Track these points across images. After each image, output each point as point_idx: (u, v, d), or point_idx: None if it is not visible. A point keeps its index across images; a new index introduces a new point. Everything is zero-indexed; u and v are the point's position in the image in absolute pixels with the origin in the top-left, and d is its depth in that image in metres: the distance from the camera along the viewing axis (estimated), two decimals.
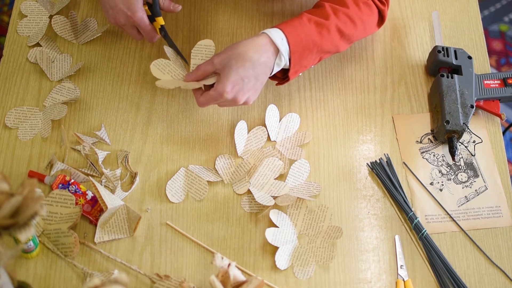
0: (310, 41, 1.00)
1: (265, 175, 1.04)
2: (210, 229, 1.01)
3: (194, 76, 0.99)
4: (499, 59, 2.13)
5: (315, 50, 1.01)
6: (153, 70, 1.01)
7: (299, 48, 0.99)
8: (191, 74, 0.99)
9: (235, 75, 0.95)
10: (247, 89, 0.97)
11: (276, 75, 1.04)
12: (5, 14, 2.18)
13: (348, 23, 1.03)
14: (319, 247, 0.99)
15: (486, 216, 1.04)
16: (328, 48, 1.03)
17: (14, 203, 0.75)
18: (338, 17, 1.02)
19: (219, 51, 1.02)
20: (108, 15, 1.04)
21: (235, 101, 0.97)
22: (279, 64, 0.99)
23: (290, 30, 0.98)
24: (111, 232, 0.98)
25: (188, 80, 0.99)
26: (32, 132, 1.08)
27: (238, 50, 0.95)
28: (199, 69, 0.98)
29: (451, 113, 1.07)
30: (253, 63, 0.95)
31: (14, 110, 1.09)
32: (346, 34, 1.04)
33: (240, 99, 0.97)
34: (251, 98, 0.99)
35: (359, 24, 1.05)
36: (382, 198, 1.05)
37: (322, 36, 1.01)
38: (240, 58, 0.95)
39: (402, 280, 0.98)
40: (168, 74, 1.01)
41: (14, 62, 1.15)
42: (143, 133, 1.09)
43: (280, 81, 1.05)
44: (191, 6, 1.23)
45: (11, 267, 0.78)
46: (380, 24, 1.12)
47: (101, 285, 0.75)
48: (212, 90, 0.96)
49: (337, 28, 1.02)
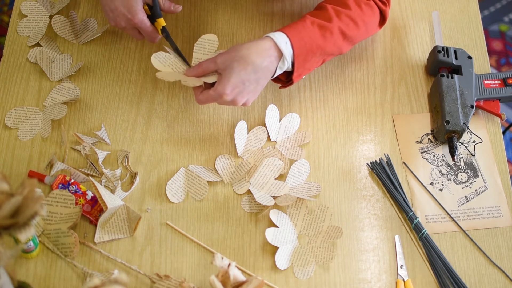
0: (313, 44, 1.00)
1: (265, 175, 1.04)
2: (210, 229, 1.01)
3: (195, 71, 0.99)
4: (499, 59, 2.14)
5: (318, 52, 1.01)
6: (154, 62, 1.01)
7: (303, 51, 0.99)
8: (193, 69, 0.99)
9: (236, 78, 0.95)
10: (246, 92, 0.97)
11: (279, 78, 1.04)
12: (5, 14, 2.18)
13: (350, 25, 1.03)
14: (319, 247, 0.99)
15: (486, 216, 1.04)
16: (331, 50, 1.03)
17: (14, 203, 0.75)
18: (341, 19, 1.03)
19: (220, 50, 1.03)
20: (109, 18, 1.04)
21: (234, 102, 0.97)
22: (281, 68, 0.99)
23: (294, 33, 0.98)
24: (111, 232, 0.98)
25: (189, 75, 0.99)
26: (32, 132, 1.08)
27: (242, 52, 0.95)
28: (201, 66, 0.98)
29: (451, 113, 1.07)
30: (255, 67, 0.95)
31: (14, 110, 1.09)
32: (349, 36, 1.04)
33: (239, 101, 0.97)
34: (250, 100, 0.99)
35: (362, 25, 1.05)
36: (382, 198, 1.05)
37: (325, 39, 1.01)
38: (243, 61, 0.95)
39: (402, 280, 0.98)
40: (169, 67, 1.01)
41: (14, 62, 1.15)
42: (143, 133, 1.09)
43: (284, 84, 1.05)
44: (191, 6, 1.23)
45: (11, 267, 0.78)
46: (382, 24, 1.12)
47: (101, 285, 0.75)
48: (212, 90, 0.96)
49: (340, 30, 1.02)
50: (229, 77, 0.95)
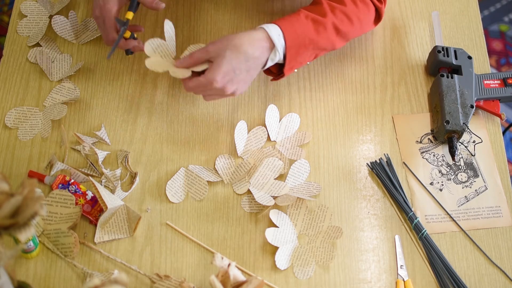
0: (306, 38, 1.00)
1: (265, 175, 1.04)
2: (210, 229, 1.01)
3: (186, 62, 0.99)
4: (499, 59, 2.14)
5: (311, 47, 1.02)
6: (146, 47, 1.00)
7: (295, 44, 0.99)
8: (183, 60, 0.99)
9: (227, 65, 0.95)
10: (236, 81, 0.97)
11: (271, 70, 1.04)
12: (5, 14, 2.18)
13: (345, 21, 1.04)
14: (319, 247, 0.99)
15: (486, 216, 1.04)
16: (324, 45, 1.04)
17: (14, 203, 0.75)
18: (335, 15, 1.03)
19: None
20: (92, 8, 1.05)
21: (222, 91, 0.97)
22: (273, 59, 0.99)
23: (287, 26, 0.99)
24: (111, 232, 0.98)
25: (180, 65, 0.99)
26: (32, 132, 1.08)
27: (234, 41, 0.96)
28: (193, 56, 0.98)
29: (451, 113, 1.07)
30: (247, 56, 0.96)
31: (14, 110, 1.10)
32: (343, 31, 1.04)
33: (228, 89, 0.97)
34: (238, 90, 0.99)
35: (356, 22, 1.05)
36: (382, 198, 1.05)
37: (318, 33, 1.01)
38: (235, 50, 0.95)
39: (402, 280, 0.98)
40: (159, 55, 1.01)
41: (14, 62, 1.15)
42: (143, 133, 1.09)
43: (275, 76, 1.05)
44: (191, 6, 1.23)
45: (11, 267, 0.78)
46: (377, 22, 1.12)
47: (101, 285, 0.75)
48: (203, 76, 0.96)
49: (334, 25, 1.03)
50: (221, 64, 0.95)
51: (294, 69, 1.04)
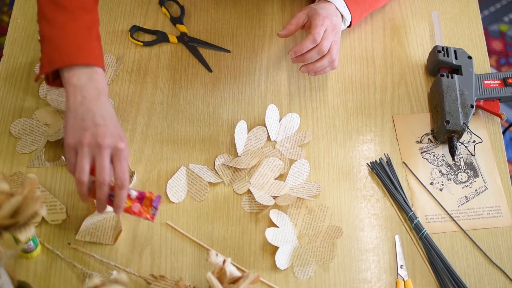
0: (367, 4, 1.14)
1: (265, 175, 1.04)
2: (210, 229, 1.01)
3: (293, 25, 1.06)
4: (499, 59, 2.14)
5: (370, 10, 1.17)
6: None
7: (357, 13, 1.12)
8: (288, 25, 1.06)
9: (324, 13, 1.04)
10: (331, 34, 1.04)
11: None
12: (5, 14, 2.18)
13: None
14: (319, 247, 0.99)
15: (486, 216, 1.04)
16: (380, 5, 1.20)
17: (14, 203, 0.75)
18: None
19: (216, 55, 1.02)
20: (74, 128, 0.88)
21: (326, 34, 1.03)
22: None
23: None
24: (94, 235, 0.97)
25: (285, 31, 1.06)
26: (31, 148, 1.05)
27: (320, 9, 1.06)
28: (294, 17, 1.06)
29: (451, 113, 1.07)
30: (332, 19, 1.05)
31: (22, 120, 1.07)
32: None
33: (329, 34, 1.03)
34: (334, 48, 1.05)
35: None
36: (382, 198, 1.05)
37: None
38: (325, 10, 1.06)
39: (402, 280, 0.98)
40: None
41: (14, 62, 1.15)
42: (143, 133, 1.09)
43: None
44: (191, 6, 1.23)
45: (11, 267, 0.78)
46: None
47: (101, 285, 0.75)
48: (308, 35, 1.03)
49: None
50: (319, 13, 1.04)
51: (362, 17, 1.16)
